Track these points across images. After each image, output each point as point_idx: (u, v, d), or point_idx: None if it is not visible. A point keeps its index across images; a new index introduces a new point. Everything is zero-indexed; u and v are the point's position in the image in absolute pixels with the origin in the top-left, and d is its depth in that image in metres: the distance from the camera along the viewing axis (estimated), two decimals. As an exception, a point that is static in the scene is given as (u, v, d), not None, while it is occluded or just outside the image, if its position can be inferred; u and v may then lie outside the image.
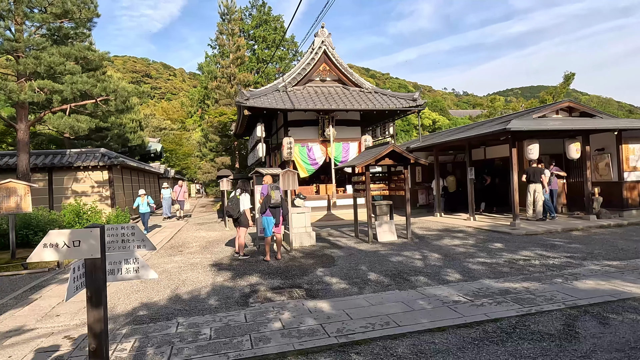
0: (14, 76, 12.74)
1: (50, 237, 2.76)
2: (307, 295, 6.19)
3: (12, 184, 9.78)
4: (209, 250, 10.39)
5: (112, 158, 16.91)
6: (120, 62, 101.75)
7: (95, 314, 2.84)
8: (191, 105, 52.59)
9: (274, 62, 33.49)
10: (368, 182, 10.16)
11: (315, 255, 9.16)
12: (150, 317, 5.47)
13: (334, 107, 14.24)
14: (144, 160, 28.96)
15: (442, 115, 66.82)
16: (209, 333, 4.76)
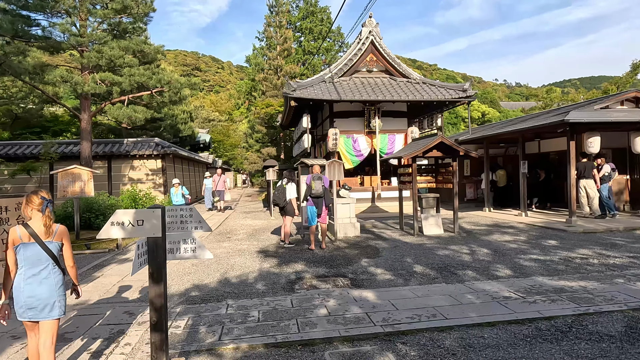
0: (78, 69, 13.61)
1: (117, 216, 2.95)
2: (352, 285, 6.23)
3: (77, 169, 10.50)
4: (255, 238, 10.67)
5: (165, 147, 17.70)
6: (172, 56, 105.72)
7: (156, 289, 3.02)
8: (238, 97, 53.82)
9: (320, 53, 33.55)
10: (415, 174, 9.99)
11: (359, 245, 9.17)
12: (201, 298, 5.72)
13: (380, 98, 14.07)
14: (193, 150, 30.10)
15: (493, 107, 64.20)
16: (257, 315, 4.92)
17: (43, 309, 3.11)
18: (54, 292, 3.14)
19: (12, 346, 4.24)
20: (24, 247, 3.08)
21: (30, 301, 3.08)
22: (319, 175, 8.82)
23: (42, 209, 3.13)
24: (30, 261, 3.11)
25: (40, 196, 3.17)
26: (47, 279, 3.14)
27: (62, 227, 3.25)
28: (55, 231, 3.18)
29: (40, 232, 3.10)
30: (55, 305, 3.15)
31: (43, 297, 3.10)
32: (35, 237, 3.08)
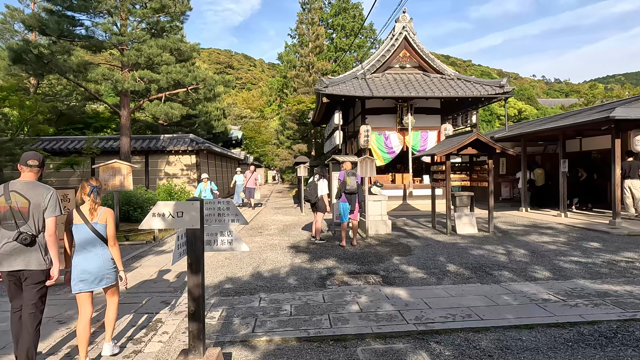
0: (118, 67, 14.12)
1: (158, 208, 3.04)
2: (383, 282, 6.18)
3: (117, 164, 10.90)
4: (286, 233, 10.77)
5: (199, 143, 18.12)
6: (206, 54, 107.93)
7: (194, 279, 3.10)
8: (270, 94, 54.35)
9: (352, 50, 33.40)
10: (448, 171, 9.79)
11: (391, 243, 9.08)
12: (235, 291, 5.83)
13: (413, 95, 13.87)
14: (226, 147, 30.65)
15: (530, 104, 61.98)
16: (290, 309, 4.96)
17: (92, 282, 3.54)
18: (102, 267, 3.57)
19: (58, 330, 4.46)
20: (76, 228, 3.52)
21: (82, 275, 3.51)
22: (354, 172, 8.78)
23: (91, 194, 3.54)
24: (81, 240, 3.53)
25: (89, 183, 3.58)
26: (96, 255, 3.56)
27: (107, 209, 3.66)
28: (100, 213, 3.58)
29: (87, 214, 3.53)
30: (105, 277, 3.60)
31: (93, 272, 3.53)
32: (84, 218, 3.51)
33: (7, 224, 3.26)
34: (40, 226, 3.37)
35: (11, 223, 3.26)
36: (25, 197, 3.30)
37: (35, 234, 3.34)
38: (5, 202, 3.25)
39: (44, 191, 3.39)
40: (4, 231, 3.28)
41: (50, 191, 3.43)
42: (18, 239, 3.23)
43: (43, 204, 3.35)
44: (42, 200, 3.35)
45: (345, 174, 8.73)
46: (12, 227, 3.26)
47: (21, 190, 3.31)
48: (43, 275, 3.41)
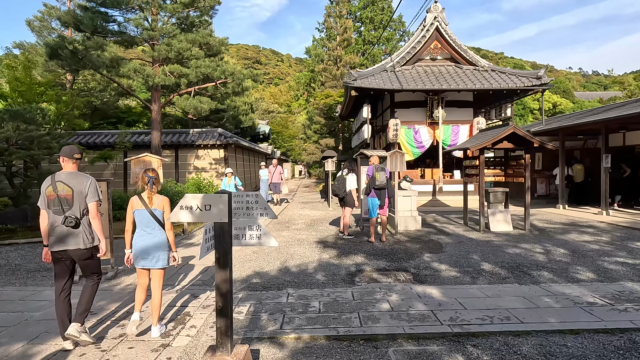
0: (149, 62, 14.33)
1: (186, 200, 2.95)
2: (414, 280, 5.97)
3: (148, 157, 11.07)
4: (313, 228, 10.66)
5: (227, 137, 18.24)
6: (234, 50, 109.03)
7: (222, 274, 3.00)
8: (297, 88, 54.34)
9: (380, 43, 32.87)
10: (482, 166, 9.42)
11: (421, 240, 8.83)
12: (262, 286, 5.76)
13: (444, 87, 13.44)
14: (253, 141, 30.87)
15: (565, 97, 59.52)
16: (318, 306, 4.84)
17: (151, 260, 4.03)
18: (159, 248, 4.03)
19: (89, 321, 4.49)
20: (137, 212, 4.04)
21: (142, 254, 4.02)
22: (382, 167, 8.56)
23: (148, 183, 4.04)
24: (142, 223, 4.04)
25: (147, 174, 4.07)
26: (154, 237, 4.02)
27: (164, 197, 4.16)
28: (158, 201, 4.08)
29: (147, 201, 4.03)
30: (160, 257, 4.05)
31: (151, 251, 4.01)
32: (144, 204, 4.02)
33: (56, 210, 3.75)
34: (83, 210, 3.83)
35: (59, 209, 3.74)
36: (69, 186, 3.76)
37: (79, 217, 3.79)
38: (53, 191, 3.74)
39: (84, 180, 3.86)
40: (55, 216, 3.76)
41: (90, 179, 3.90)
42: (65, 222, 3.71)
43: (84, 191, 3.82)
44: (83, 187, 3.81)
45: (374, 169, 8.52)
46: (59, 212, 3.75)
47: (65, 180, 3.78)
48: (89, 252, 3.89)
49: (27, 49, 19.36)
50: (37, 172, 12.20)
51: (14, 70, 13.65)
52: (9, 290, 5.72)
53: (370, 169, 8.68)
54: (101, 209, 6.37)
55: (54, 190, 3.74)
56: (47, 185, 3.79)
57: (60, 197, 3.73)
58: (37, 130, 11.34)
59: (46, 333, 4.18)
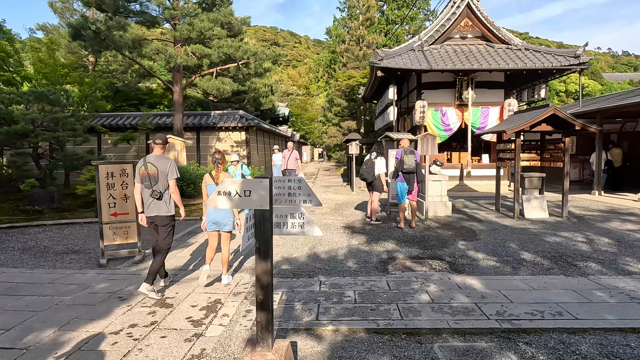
0: (171, 42, 14.10)
1: (225, 185, 2.72)
2: (451, 269, 5.69)
3: (171, 139, 10.94)
4: (339, 213, 10.42)
5: (249, 120, 18.03)
6: (252, 32, 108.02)
7: (263, 265, 2.78)
8: (317, 70, 53.61)
9: (404, 23, 31.84)
10: (518, 150, 8.95)
11: (452, 226, 8.50)
12: (292, 272, 5.57)
13: (475, 67, 12.84)
14: (273, 124, 30.62)
15: (593, 79, 57.20)
16: (353, 296, 4.61)
17: (220, 224, 5.04)
18: (225, 216, 5.01)
19: (119, 307, 4.38)
20: (209, 187, 5.04)
21: (212, 221, 5.03)
22: (412, 150, 8.20)
23: (215, 163, 5.11)
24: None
25: (214, 157, 5.12)
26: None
27: (227, 174, 5.33)
28: (223, 177, 4.86)
29: (215, 177, 5.06)
30: (227, 223, 5.05)
31: (219, 219, 5.01)
32: (213, 180, 5.05)
33: (146, 184, 4.71)
34: (165, 185, 4.76)
35: (148, 184, 4.69)
36: (155, 166, 4.69)
37: (162, 191, 4.74)
38: (144, 169, 4.69)
39: (166, 161, 4.81)
40: (145, 190, 4.74)
41: (170, 161, 4.86)
42: (152, 194, 4.68)
43: (166, 171, 4.74)
44: (165, 168, 4.74)
45: (403, 152, 8.16)
46: (149, 186, 4.70)
47: (153, 161, 4.73)
48: (168, 219, 4.81)
49: (50, 31, 19.39)
50: (62, 153, 12.25)
51: (38, 52, 13.66)
52: (39, 272, 5.68)
53: (399, 152, 8.33)
54: (128, 191, 6.26)
55: (145, 169, 4.68)
56: (140, 165, 4.74)
57: (150, 175, 4.68)
58: (61, 112, 11.33)
59: (77, 319, 4.07)
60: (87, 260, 6.36)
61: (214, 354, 3.38)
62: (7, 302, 4.52)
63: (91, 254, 6.72)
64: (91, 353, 3.39)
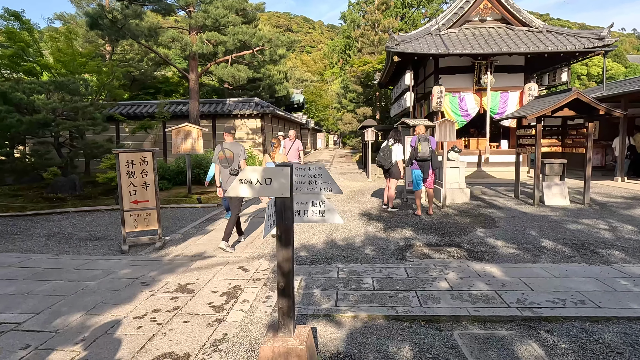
0: (186, 30, 14.11)
1: (246, 174, 2.73)
2: (470, 256, 5.65)
3: (188, 127, 11.02)
4: (355, 200, 10.41)
5: (264, 107, 18.03)
6: (265, 18, 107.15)
7: (284, 253, 2.80)
8: (331, 56, 53.10)
9: (420, 6, 31.17)
10: (539, 136, 8.75)
11: (470, 213, 8.42)
12: (310, 259, 5.60)
13: (495, 51, 12.53)
14: (287, 111, 30.57)
15: (617, 61, 55.30)
16: (372, 283, 4.63)
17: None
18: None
19: (142, 292, 4.48)
20: (268, 164, 6.57)
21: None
22: (426, 137, 8.09)
23: (272, 146, 6.92)
24: None
25: (272, 142, 7.00)
26: None
27: (282, 155, 7.08)
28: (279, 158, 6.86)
29: (271, 157, 6.82)
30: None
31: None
32: (272, 159, 6.80)
33: (224, 165, 6.17)
34: (238, 165, 6.14)
35: (226, 164, 6.16)
36: (230, 150, 6.14)
37: (237, 169, 6.10)
38: (222, 153, 6.14)
39: (238, 146, 6.25)
40: (223, 169, 6.20)
41: (241, 146, 6.29)
42: (230, 172, 6.11)
43: (239, 153, 6.17)
44: (238, 151, 6.18)
45: (417, 139, 8.06)
46: (226, 166, 6.16)
47: (228, 146, 6.17)
48: None
49: (67, 20, 19.58)
50: (82, 142, 12.48)
51: (57, 42, 13.82)
52: (64, 258, 5.84)
53: (413, 140, 8.24)
54: (148, 179, 6.35)
55: (223, 153, 6.14)
56: (219, 149, 6.19)
57: (227, 158, 6.13)
58: (80, 101, 11.50)
59: (102, 303, 4.19)
60: (110, 247, 6.51)
61: (236, 339, 3.45)
62: (35, 287, 4.67)
63: (113, 240, 6.88)
64: (117, 336, 3.49)
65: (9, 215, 8.79)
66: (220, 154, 6.12)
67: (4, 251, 6.29)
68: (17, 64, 12.90)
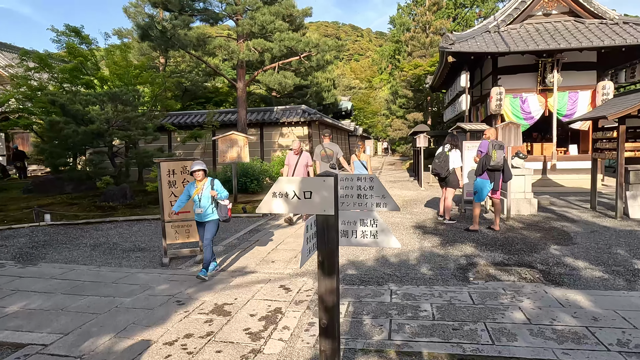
0: (233, 39, 14.13)
1: (280, 185, 2.25)
2: (545, 280, 4.84)
3: (234, 135, 10.86)
4: (407, 210, 9.70)
5: (311, 114, 17.72)
6: (314, 28, 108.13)
7: (327, 283, 2.27)
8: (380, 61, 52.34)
9: (474, 5, 29.78)
10: (622, 138, 7.64)
11: (540, 227, 7.46)
12: (359, 279, 5.04)
13: (563, 46, 11.37)
14: (335, 118, 30.19)
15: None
16: (430, 310, 3.99)
17: None
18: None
19: (177, 312, 4.13)
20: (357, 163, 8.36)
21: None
22: (501, 143, 7.18)
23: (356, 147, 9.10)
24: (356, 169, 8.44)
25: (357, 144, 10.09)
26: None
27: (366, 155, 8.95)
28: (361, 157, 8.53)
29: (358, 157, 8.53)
30: None
31: None
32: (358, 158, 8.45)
33: (325, 160, 7.73)
34: (335, 160, 7.84)
35: (326, 160, 7.74)
36: (330, 149, 7.86)
37: (335, 164, 7.75)
38: (324, 152, 7.78)
39: (335, 146, 7.96)
40: (324, 163, 7.76)
41: (337, 146, 7.98)
42: (330, 166, 7.70)
43: (337, 152, 7.88)
44: (336, 150, 7.89)
45: (491, 145, 7.14)
46: (327, 161, 7.75)
47: (327, 146, 7.86)
48: None
49: (125, 35, 20.47)
50: (135, 151, 12.73)
51: (113, 55, 14.32)
52: (105, 270, 5.68)
53: (484, 145, 7.28)
54: (188, 189, 6.08)
55: (324, 151, 7.79)
56: (320, 149, 7.88)
57: (328, 155, 7.78)
58: (132, 112, 11.72)
59: (134, 324, 3.87)
60: (151, 259, 6.31)
61: (272, 378, 2.96)
62: (71, 302, 4.47)
63: (155, 251, 6.69)
64: (142, 367, 3.12)
65: (62, 223, 8.96)
66: (322, 152, 7.77)
67: (51, 261, 6.27)
68: (77, 77, 13.48)
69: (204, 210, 5.20)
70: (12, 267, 5.86)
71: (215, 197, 5.18)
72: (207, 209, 5.23)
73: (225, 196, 5.26)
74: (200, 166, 5.22)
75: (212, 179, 5.32)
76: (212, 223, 5.29)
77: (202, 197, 5.19)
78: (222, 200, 5.21)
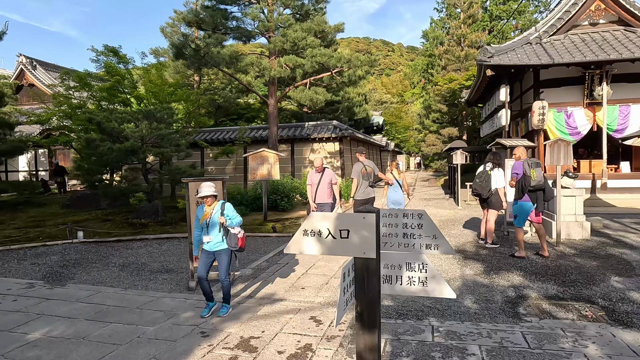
0: (265, 56, 14.14)
1: (312, 222, 1.93)
2: (611, 319, 4.26)
3: (265, 152, 10.72)
4: (445, 232, 9.15)
5: (342, 130, 17.47)
6: (345, 44, 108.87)
7: (367, 338, 1.92)
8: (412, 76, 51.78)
9: (510, 18, 28.95)
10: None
11: (595, 254, 6.79)
12: (396, 311, 4.62)
13: (614, 57, 10.65)
14: (367, 133, 29.82)
15: None
16: (480, 354, 3.53)
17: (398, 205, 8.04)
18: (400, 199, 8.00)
19: (200, 346, 3.85)
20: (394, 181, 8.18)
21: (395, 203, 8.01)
22: (537, 162, 6.68)
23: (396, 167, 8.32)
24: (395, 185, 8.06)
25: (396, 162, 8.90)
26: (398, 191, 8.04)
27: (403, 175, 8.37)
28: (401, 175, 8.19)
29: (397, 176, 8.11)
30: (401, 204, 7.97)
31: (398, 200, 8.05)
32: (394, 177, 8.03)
33: (365, 178, 7.45)
34: (372, 178, 7.61)
35: (367, 178, 7.46)
36: (369, 166, 7.53)
37: (373, 181, 7.64)
38: (364, 169, 7.45)
39: (372, 163, 7.70)
40: (364, 181, 7.45)
41: (372, 163, 7.70)
42: (370, 184, 7.51)
43: (374, 168, 7.67)
44: (373, 166, 7.64)
45: (527, 165, 6.58)
46: (367, 179, 7.47)
47: (366, 164, 7.50)
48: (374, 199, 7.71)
49: (161, 54, 21.05)
50: (168, 168, 12.81)
51: (149, 73, 14.63)
52: (131, 294, 5.51)
53: (518, 167, 6.67)
54: (217, 210, 5.86)
55: (365, 169, 7.44)
56: (361, 166, 7.41)
57: (367, 172, 7.45)
58: (166, 129, 11.81)
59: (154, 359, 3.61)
60: (178, 281, 6.12)
61: None
62: (93, 330, 4.29)
63: (183, 273, 6.50)
64: (159, 414, 2.84)
65: (94, 241, 8.99)
66: (362, 170, 7.36)
67: (79, 282, 6.19)
68: (114, 96, 13.82)
69: (213, 238, 4.58)
70: (40, 288, 5.80)
71: (224, 225, 4.55)
72: (217, 237, 4.60)
73: (238, 223, 4.62)
74: (208, 192, 4.55)
75: (224, 202, 4.69)
76: (224, 253, 4.61)
77: (210, 223, 4.57)
78: (233, 227, 4.59)
